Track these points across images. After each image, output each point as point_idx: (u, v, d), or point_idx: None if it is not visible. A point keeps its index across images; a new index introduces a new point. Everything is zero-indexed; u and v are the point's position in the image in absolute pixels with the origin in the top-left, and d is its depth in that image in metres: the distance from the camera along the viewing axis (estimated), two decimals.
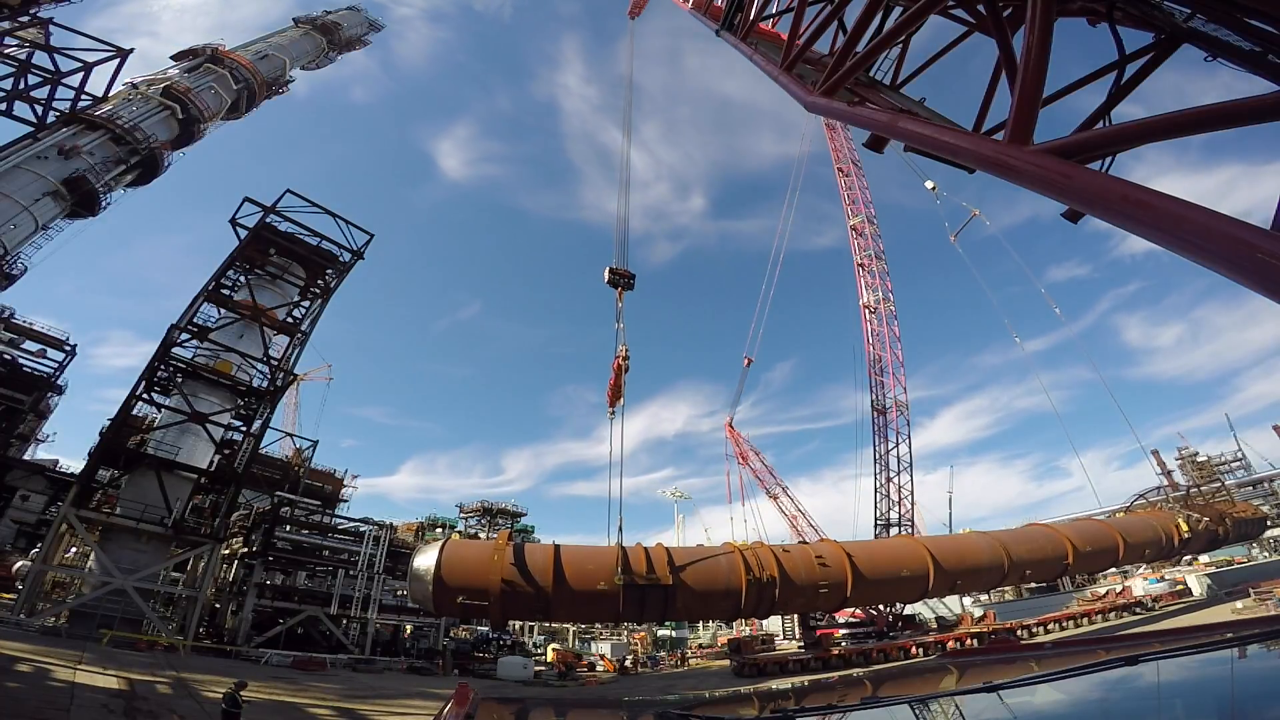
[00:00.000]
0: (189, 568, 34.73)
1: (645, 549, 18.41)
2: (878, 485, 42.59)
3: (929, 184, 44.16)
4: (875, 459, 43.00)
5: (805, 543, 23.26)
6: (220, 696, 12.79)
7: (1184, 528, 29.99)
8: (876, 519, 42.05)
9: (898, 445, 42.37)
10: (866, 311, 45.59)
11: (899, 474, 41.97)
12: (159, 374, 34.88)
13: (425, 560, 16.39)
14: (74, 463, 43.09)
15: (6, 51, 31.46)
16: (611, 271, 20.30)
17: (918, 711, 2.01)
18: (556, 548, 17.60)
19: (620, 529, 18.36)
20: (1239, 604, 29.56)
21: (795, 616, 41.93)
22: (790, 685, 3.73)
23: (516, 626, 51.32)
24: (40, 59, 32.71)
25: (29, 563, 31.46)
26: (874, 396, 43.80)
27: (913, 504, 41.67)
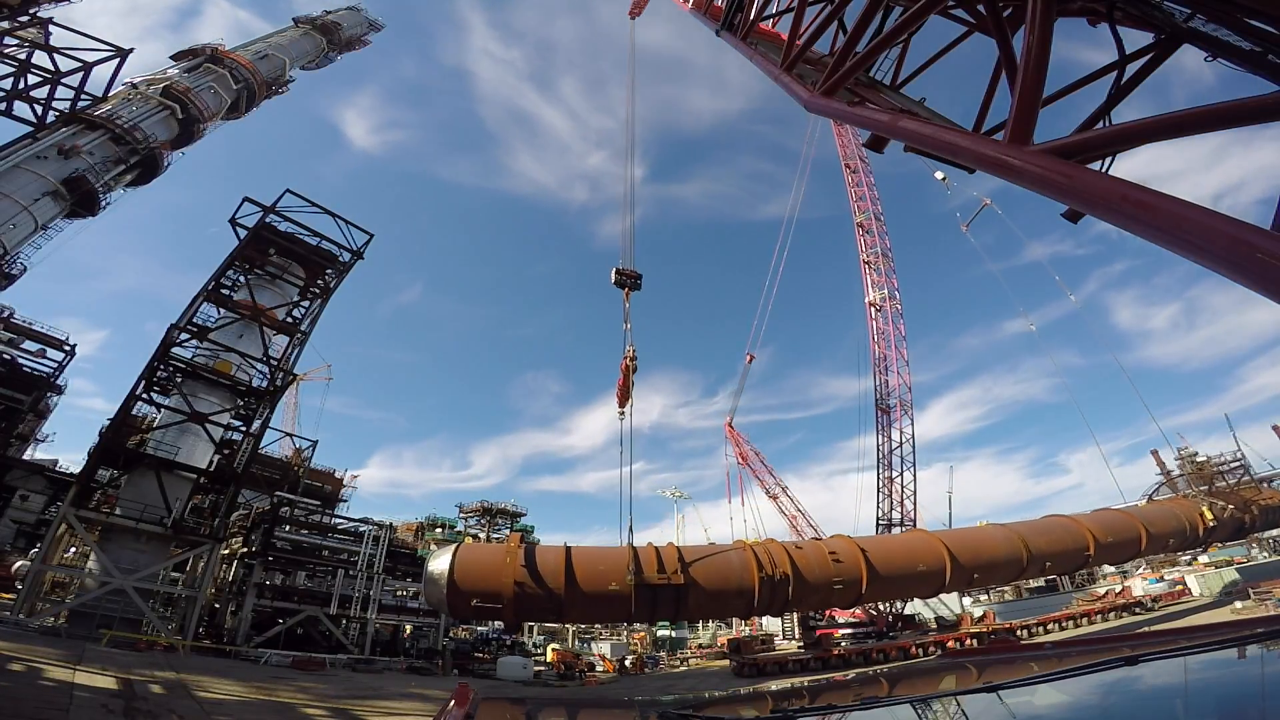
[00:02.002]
0: (188, 568, 34.70)
1: (656, 548, 18.34)
2: (880, 485, 42.56)
3: (939, 175, 43.97)
4: (879, 459, 42.94)
5: (818, 539, 22.85)
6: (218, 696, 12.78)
7: (1209, 516, 28.94)
8: (879, 518, 42.02)
9: (901, 444, 42.34)
10: (872, 309, 45.42)
11: (901, 473, 41.94)
12: (158, 374, 34.88)
13: (439, 564, 16.47)
14: (53, 456, 43.15)
15: (6, 51, 31.45)
16: (618, 273, 20.38)
17: (918, 711, 2.01)
18: (568, 549, 17.61)
19: (630, 529, 18.43)
20: (1238, 604, 29.57)
21: (795, 616, 41.96)
22: (790, 685, 3.73)
23: None
24: (40, 59, 32.73)
25: (28, 563, 31.44)
26: (878, 395, 43.72)
27: (915, 504, 41.65)
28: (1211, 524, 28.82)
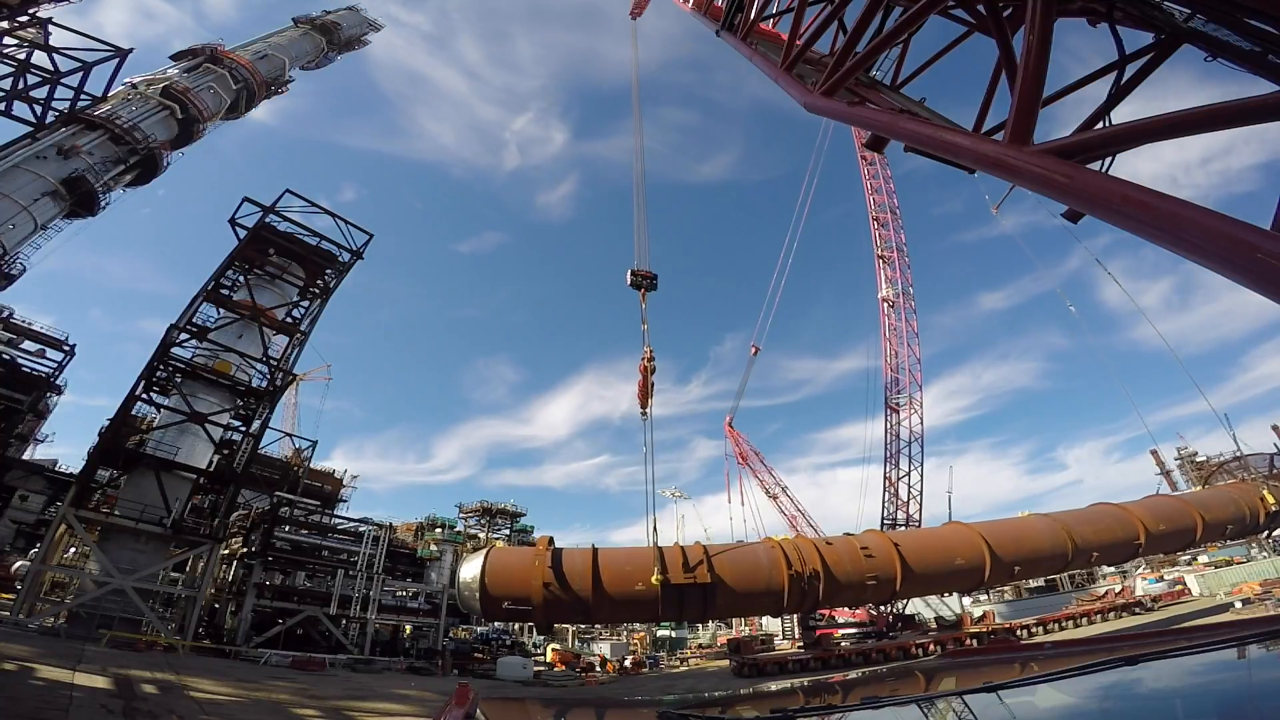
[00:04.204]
0: (188, 568, 34.69)
1: (682, 548, 18.21)
2: (886, 485, 42.43)
3: None
4: (886, 458, 42.68)
5: (850, 534, 22.50)
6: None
7: (1270, 500, 27.16)
8: (884, 518, 41.95)
9: (910, 443, 42.18)
10: (885, 305, 45.03)
11: (909, 473, 41.81)
12: (158, 374, 34.87)
13: (470, 570, 16.71)
14: (53, 456, 43.06)
15: (6, 51, 31.42)
16: (633, 274, 20.36)
17: (920, 711, 2.01)
18: (595, 551, 17.71)
19: (654, 528, 18.44)
20: (1238, 604, 29.58)
21: (795, 617, 41.96)
22: (790, 685, 3.74)
23: (516, 626, 51.35)
24: (40, 59, 32.69)
25: (28, 563, 31.42)
26: (888, 394, 43.47)
27: (921, 505, 41.54)
28: (1274, 508, 27.14)
